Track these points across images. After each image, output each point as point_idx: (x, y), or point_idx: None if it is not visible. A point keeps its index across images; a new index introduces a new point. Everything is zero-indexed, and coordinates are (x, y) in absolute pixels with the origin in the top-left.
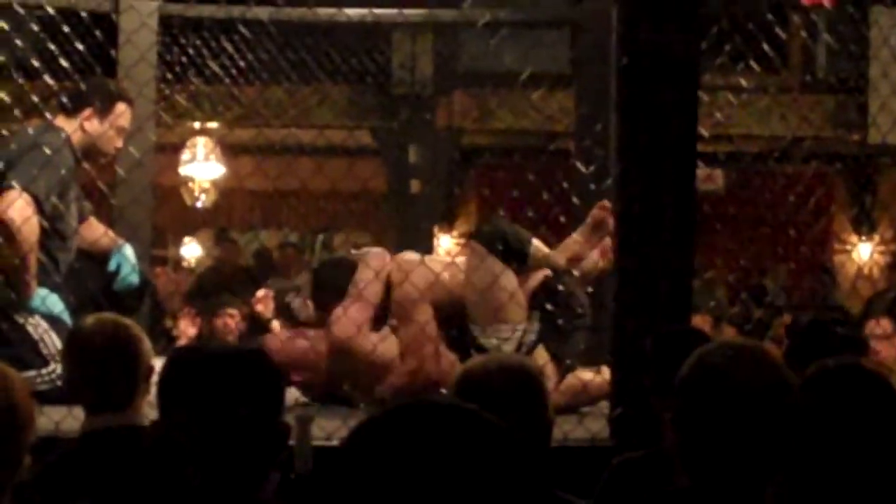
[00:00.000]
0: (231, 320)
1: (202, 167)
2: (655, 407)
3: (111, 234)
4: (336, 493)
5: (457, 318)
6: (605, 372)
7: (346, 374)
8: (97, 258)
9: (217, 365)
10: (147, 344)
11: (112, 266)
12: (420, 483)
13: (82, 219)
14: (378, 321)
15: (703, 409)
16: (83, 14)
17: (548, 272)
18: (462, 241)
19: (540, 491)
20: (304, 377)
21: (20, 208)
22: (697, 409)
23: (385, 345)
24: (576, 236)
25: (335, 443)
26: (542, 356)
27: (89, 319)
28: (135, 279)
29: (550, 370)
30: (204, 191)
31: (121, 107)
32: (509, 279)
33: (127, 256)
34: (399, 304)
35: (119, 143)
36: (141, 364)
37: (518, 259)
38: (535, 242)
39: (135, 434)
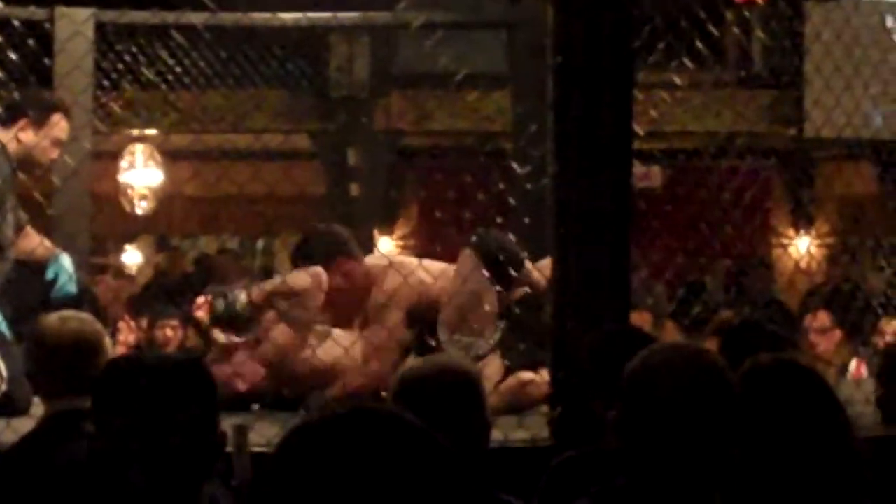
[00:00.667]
0: (171, 332)
1: (141, 174)
2: (595, 407)
3: (48, 243)
4: (264, 499)
5: (430, 323)
6: (545, 373)
7: (285, 381)
8: (34, 268)
9: (152, 373)
10: (108, 339)
11: (49, 275)
12: (344, 491)
13: (18, 228)
14: (345, 322)
15: (646, 412)
16: (17, 23)
17: (527, 289)
18: (401, 243)
19: (478, 493)
20: (249, 386)
21: None
22: (640, 411)
23: (325, 349)
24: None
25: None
26: (494, 362)
27: (54, 316)
28: (72, 288)
29: (494, 371)
30: (143, 197)
31: (56, 117)
32: (491, 295)
33: (64, 266)
34: (372, 307)
35: (55, 155)
36: (104, 356)
37: (509, 275)
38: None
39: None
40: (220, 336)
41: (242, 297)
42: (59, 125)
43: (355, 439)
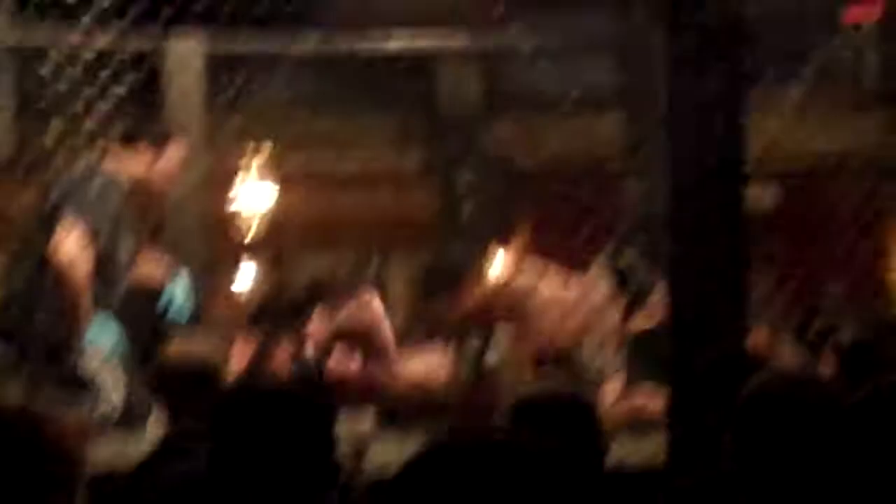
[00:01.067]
0: (284, 355)
1: (252, 196)
2: (714, 430)
3: (164, 264)
4: None
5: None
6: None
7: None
8: (149, 292)
9: (271, 402)
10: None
11: (165, 298)
12: None
13: (136, 250)
14: None
15: (761, 435)
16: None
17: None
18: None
19: None
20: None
21: (75, 240)
22: (755, 435)
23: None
24: None
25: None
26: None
27: (178, 339)
28: (186, 312)
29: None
30: (251, 223)
31: (174, 148)
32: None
33: (179, 290)
34: None
35: (170, 186)
36: (224, 381)
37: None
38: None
39: None
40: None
41: None
42: (177, 152)
43: (485, 465)
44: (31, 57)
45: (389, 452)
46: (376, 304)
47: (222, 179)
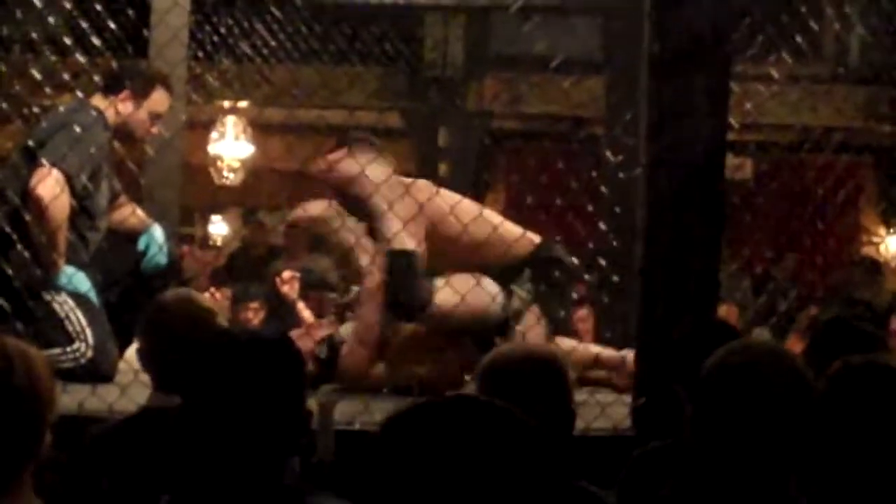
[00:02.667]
0: (253, 315)
1: (231, 146)
2: (680, 399)
3: (140, 213)
4: (365, 482)
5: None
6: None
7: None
8: (125, 237)
9: (241, 348)
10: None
11: (141, 246)
12: (445, 475)
13: (113, 198)
14: None
15: (720, 408)
16: None
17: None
18: None
19: (557, 481)
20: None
21: (50, 186)
22: (714, 407)
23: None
24: None
25: (357, 427)
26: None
27: (173, 294)
28: (162, 260)
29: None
30: (232, 170)
31: (158, 92)
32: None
33: (155, 237)
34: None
35: (154, 129)
36: None
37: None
38: None
39: None
40: (305, 312)
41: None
42: (161, 101)
43: (455, 425)
44: None
45: (357, 408)
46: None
47: (203, 124)
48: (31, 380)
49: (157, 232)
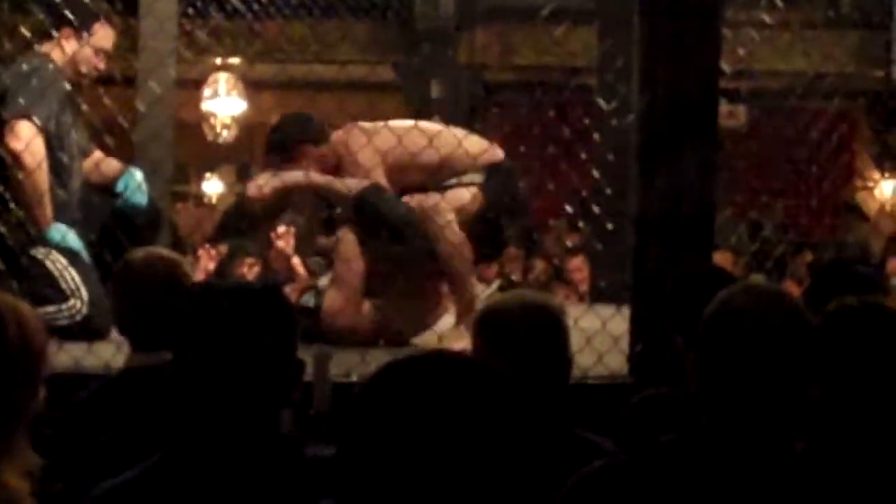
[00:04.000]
0: (248, 271)
1: (224, 103)
2: (677, 346)
3: (116, 162)
4: (351, 435)
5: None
6: None
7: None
8: (105, 188)
9: (231, 300)
10: (192, 280)
11: (119, 187)
12: (432, 430)
13: (84, 154)
14: None
15: (725, 353)
16: None
17: None
18: None
19: (557, 429)
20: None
21: (22, 137)
22: (719, 352)
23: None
24: None
25: (354, 379)
26: None
27: (139, 253)
28: (141, 199)
29: None
30: (225, 126)
31: (98, 26)
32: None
33: (134, 176)
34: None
35: (101, 65)
36: None
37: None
38: None
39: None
40: (300, 267)
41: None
42: (104, 35)
43: (436, 379)
44: None
45: (353, 360)
46: None
47: (195, 81)
48: (24, 336)
49: (136, 173)
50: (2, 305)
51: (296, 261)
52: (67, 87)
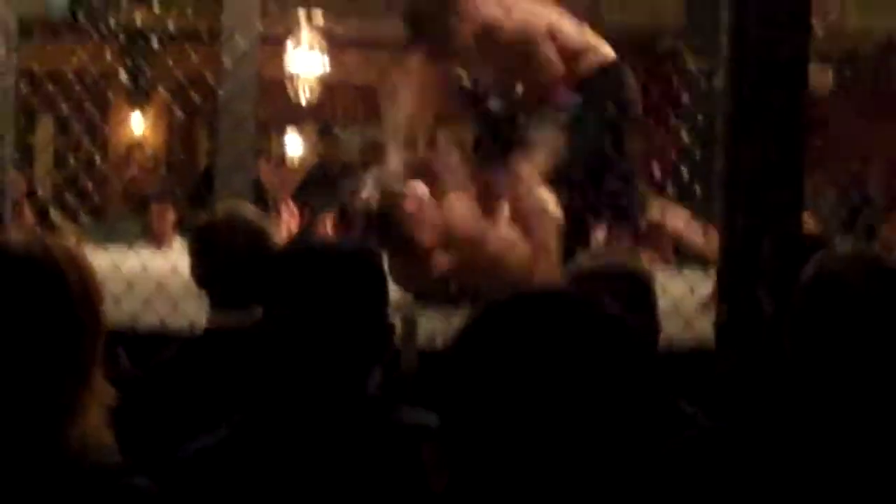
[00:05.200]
0: (330, 224)
1: (307, 60)
2: (766, 311)
3: None
4: (456, 380)
5: None
6: None
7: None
8: None
9: (323, 259)
10: (276, 238)
11: None
12: (547, 372)
13: None
14: None
15: (821, 319)
16: None
17: None
18: None
19: (657, 399)
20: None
21: None
22: (815, 317)
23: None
24: None
25: (439, 345)
26: None
27: (222, 211)
28: None
29: None
30: (309, 86)
31: None
32: None
33: None
34: None
35: None
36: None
37: None
38: None
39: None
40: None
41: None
42: None
43: (551, 320)
44: None
45: (439, 325)
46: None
47: (279, 37)
48: (82, 279)
49: None
50: (57, 254)
51: None
52: None
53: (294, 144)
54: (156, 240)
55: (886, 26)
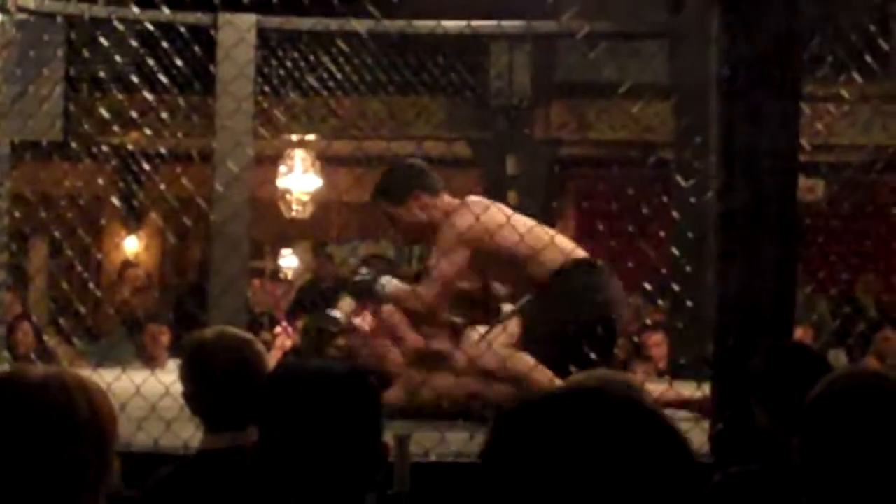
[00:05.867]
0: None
1: (300, 179)
2: (760, 422)
3: None
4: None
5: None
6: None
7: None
8: None
9: (317, 383)
10: (268, 360)
11: None
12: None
13: None
14: None
15: (831, 438)
16: (182, 29)
17: None
18: None
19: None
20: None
21: None
22: (824, 437)
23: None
24: None
25: (432, 458)
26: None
27: (211, 332)
28: None
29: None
30: (301, 203)
31: None
32: None
33: None
34: (440, 241)
35: None
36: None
37: None
38: None
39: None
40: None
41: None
42: None
43: (592, 421)
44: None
45: (432, 439)
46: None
47: (272, 158)
48: (94, 412)
49: None
50: (71, 382)
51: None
52: None
53: (289, 262)
54: (150, 361)
55: (873, 142)
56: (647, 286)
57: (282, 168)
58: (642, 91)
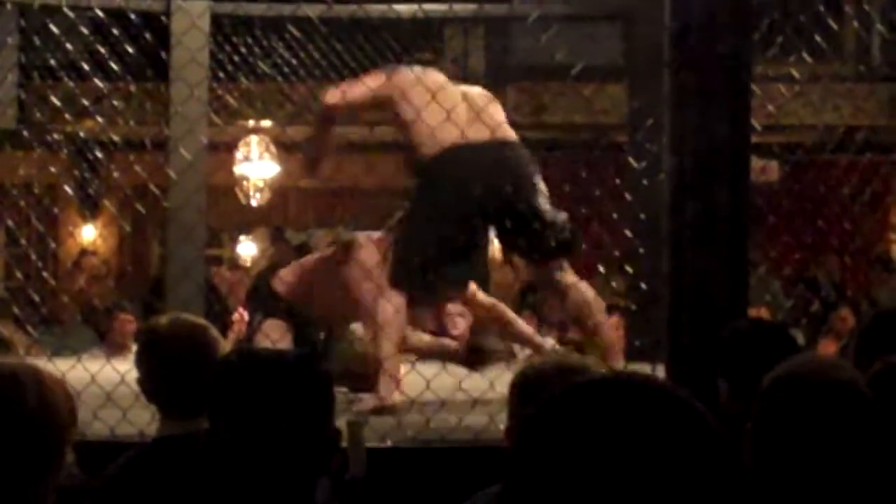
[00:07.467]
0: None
1: (256, 166)
2: (721, 394)
3: None
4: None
5: None
6: None
7: None
8: None
9: (267, 369)
10: (224, 346)
11: None
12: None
13: None
14: None
15: (784, 427)
16: (134, 16)
17: None
18: None
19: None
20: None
21: None
22: (778, 425)
23: None
24: None
25: (388, 444)
26: None
27: (165, 319)
28: None
29: None
30: (258, 190)
31: None
32: None
33: None
34: None
35: None
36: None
37: None
38: None
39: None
40: None
41: None
42: None
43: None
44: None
45: (388, 425)
46: None
47: (227, 145)
48: (44, 404)
49: None
50: (22, 373)
51: None
52: None
53: (247, 249)
54: (118, 350)
55: (825, 122)
56: (601, 269)
57: (238, 154)
58: (596, 74)
